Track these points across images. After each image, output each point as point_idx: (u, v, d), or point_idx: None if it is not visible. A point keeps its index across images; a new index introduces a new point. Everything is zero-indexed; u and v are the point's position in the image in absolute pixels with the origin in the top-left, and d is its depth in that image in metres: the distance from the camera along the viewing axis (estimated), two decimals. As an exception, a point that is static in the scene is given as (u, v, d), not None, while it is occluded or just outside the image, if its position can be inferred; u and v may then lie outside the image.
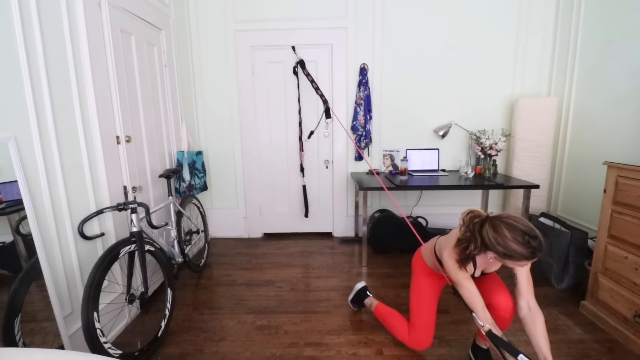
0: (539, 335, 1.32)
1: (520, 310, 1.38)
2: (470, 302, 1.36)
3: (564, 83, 2.89)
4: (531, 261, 1.22)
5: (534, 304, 1.37)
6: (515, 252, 1.19)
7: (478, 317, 1.33)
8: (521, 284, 1.39)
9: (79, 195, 1.72)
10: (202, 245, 3.02)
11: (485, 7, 3.03)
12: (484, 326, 1.30)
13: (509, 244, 1.20)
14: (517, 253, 1.19)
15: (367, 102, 3.14)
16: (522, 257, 1.19)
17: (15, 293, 1.37)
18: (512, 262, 1.24)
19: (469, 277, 1.38)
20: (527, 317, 1.36)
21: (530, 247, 1.18)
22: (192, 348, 1.83)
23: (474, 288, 1.37)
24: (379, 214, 3.14)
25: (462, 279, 1.37)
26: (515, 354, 1.20)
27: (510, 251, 1.20)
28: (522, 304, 1.38)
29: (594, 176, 2.57)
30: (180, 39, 2.90)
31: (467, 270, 1.38)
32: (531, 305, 1.37)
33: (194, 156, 2.86)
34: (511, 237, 1.20)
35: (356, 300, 2.10)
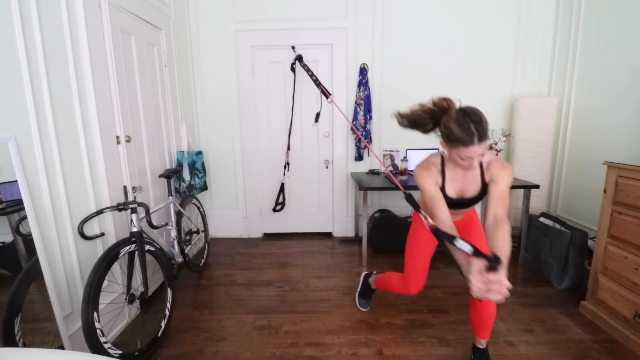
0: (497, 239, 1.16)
1: (486, 221, 1.26)
2: (430, 204, 1.31)
3: (564, 83, 2.89)
4: (469, 147, 1.18)
5: (502, 215, 1.23)
6: (452, 132, 1.19)
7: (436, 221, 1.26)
8: (491, 198, 1.29)
9: (79, 195, 1.72)
10: (202, 245, 3.02)
11: (485, 7, 3.03)
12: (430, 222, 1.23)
13: (450, 123, 1.20)
14: (454, 135, 1.19)
15: (367, 102, 3.13)
16: (459, 139, 1.18)
17: (15, 293, 1.37)
18: (454, 150, 1.23)
19: (434, 183, 1.36)
20: (491, 227, 1.22)
21: (469, 130, 1.16)
22: (192, 348, 1.83)
23: (438, 193, 1.33)
24: (379, 214, 3.14)
25: (426, 183, 1.35)
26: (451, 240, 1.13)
27: (449, 131, 1.21)
28: (488, 215, 1.26)
29: (594, 176, 2.57)
30: (180, 39, 2.90)
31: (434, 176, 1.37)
32: (497, 216, 1.23)
33: (194, 156, 2.86)
34: (455, 117, 1.20)
35: (364, 291, 2.10)
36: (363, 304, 2.15)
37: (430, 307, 2.16)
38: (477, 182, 1.40)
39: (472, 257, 1.05)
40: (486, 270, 1.00)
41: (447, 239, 1.15)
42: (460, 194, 1.44)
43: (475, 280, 1.01)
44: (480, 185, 1.40)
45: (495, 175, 1.34)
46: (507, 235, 1.17)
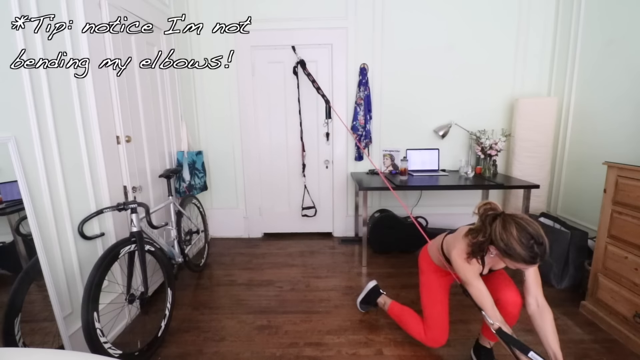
0: (548, 332, 1.30)
1: (529, 307, 1.37)
2: (480, 301, 1.35)
3: (564, 83, 2.89)
4: (530, 266, 1.21)
5: (543, 301, 1.36)
6: (515, 252, 1.18)
7: (488, 316, 1.32)
8: (529, 281, 1.38)
9: (79, 195, 1.72)
10: (202, 245, 3.02)
11: (485, 7, 3.03)
12: (494, 324, 1.29)
13: (512, 243, 1.19)
14: (517, 254, 1.18)
15: (367, 102, 3.14)
16: (522, 259, 1.18)
17: (15, 293, 1.37)
18: (511, 262, 1.24)
19: (477, 275, 1.37)
20: (536, 314, 1.35)
21: (532, 251, 1.16)
22: (192, 348, 1.83)
23: (483, 286, 1.36)
24: (379, 214, 3.14)
25: (471, 278, 1.36)
26: (525, 351, 1.20)
27: (511, 250, 1.19)
28: (530, 300, 1.37)
29: (594, 176, 2.57)
30: (181, 39, 2.90)
31: (476, 268, 1.37)
32: (539, 302, 1.36)
33: (194, 156, 2.86)
34: (516, 236, 1.19)
35: (367, 300, 2.07)
36: (364, 307, 2.13)
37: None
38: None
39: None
40: None
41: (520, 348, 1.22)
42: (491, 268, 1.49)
43: None
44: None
45: None
46: (554, 325, 1.32)
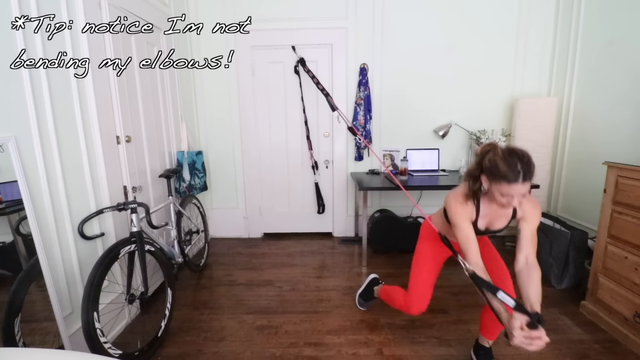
0: (530, 286, 1.22)
1: (517, 264, 1.30)
2: (463, 245, 1.32)
3: (564, 83, 2.89)
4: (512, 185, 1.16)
5: (533, 259, 1.29)
6: (498, 169, 1.18)
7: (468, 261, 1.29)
8: (523, 239, 1.32)
9: (79, 195, 1.72)
10: (202, 245, 3.02)
11: (485, 7, 3.03)
12: (468, 268, 1.26)
13: (496, 160, 1.19)
14: (499, 171, 1.18)
15: (367, 102, 3.14)
16: (504, 176, 1.17)
17: (15, 293, 1.37)
18: (496, 185, 1.21)
19: (468, 218, 1.35)
20: (523, 271, 1.27)
21: (515, 168, 1.15)
22: (192, 348, 1.83)
23: (471, 231, 1.33)
24: (379, 214, 3.14)
25: (461, 219, 1.34)
26: (494, 291, 1.17)
27: (494, 167, 1.19)
28: (520, 257, 1.30)
29: (594, 176, 2.57)
30: (180, 39, 2.89)
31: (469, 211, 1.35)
32: (529, 260, 1.29)
33: (194, 156, 2.86)
34: (501, 154, 1.20)
35: (365, 293, 2.08)
36: (362, 304, 2.15)
37: (430, 307, 2.13)
38: (508, 217, 1.39)
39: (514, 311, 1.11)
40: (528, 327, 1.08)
41: (489, 289, 1.19)
42: (487, 226, 1.44)
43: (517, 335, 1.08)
44: (509, 219, 1.40)
45: (528, 214, 1.33)
46: (539, 283, 1.23)
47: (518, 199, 1.21)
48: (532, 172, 1.18)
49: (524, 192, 1.19)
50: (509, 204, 1.23)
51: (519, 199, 1.21)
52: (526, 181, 1.17)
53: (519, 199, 1.21)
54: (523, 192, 1.18)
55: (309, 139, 3.25)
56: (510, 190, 1.19)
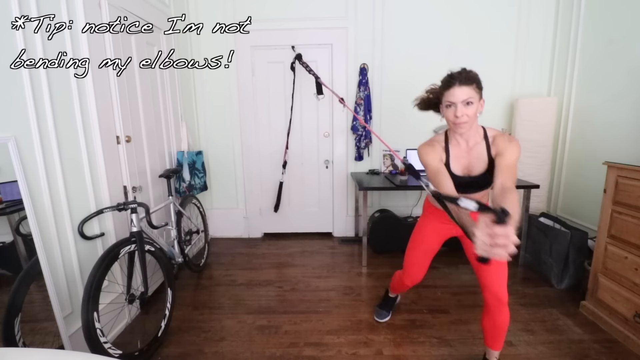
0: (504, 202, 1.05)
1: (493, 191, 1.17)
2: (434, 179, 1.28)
3: (564, 83, 2.89)
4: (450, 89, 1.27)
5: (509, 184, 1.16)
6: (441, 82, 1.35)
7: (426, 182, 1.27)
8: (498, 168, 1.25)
9: (79, 195, 1.72)
10: (202, 245, 3.02)
11: (485, 7, 3.03)
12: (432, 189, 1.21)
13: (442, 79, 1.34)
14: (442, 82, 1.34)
15: (367, 102, 3.13)
16: (444, 84, 1.31)
17: (15, 293, 1.37)
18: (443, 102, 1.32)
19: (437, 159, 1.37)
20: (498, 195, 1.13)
21: (452, 74, 1.30)
22: (192, 348, 1.83)
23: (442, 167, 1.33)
24: (379, 214, 3.14)
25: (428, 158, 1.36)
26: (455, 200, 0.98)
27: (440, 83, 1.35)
28: (496, 184, 1.19)
29: (594, 176, 2.57)
30: (180, 39, 2.90)
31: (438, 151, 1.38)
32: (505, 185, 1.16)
33: (194, 156, 2.86)
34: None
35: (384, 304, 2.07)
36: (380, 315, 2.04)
37: (430, 307, 2.16)
38: (484, 158, 1.36)
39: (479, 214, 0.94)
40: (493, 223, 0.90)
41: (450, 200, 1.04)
42: (466, 171, 1.40)
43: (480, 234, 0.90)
44: (487, 161, 1.36)
45: (502, 149, 1.31)
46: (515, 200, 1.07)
47: (462, 110, 1.25)
48: (469, 77, 1.27)
49: (465, 98, 1.25)
50: (455, 116, 1.28)
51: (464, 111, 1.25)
52: (463, 85, 1.25)
53: (464, 110, 1.25)
54: (463, 97, 1.25)
55: (288, 137, 3.23)
56: (450, 97, 1.27)
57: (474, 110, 1.28)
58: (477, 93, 1.28)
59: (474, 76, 1.29)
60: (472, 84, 1.26)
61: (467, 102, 1.25)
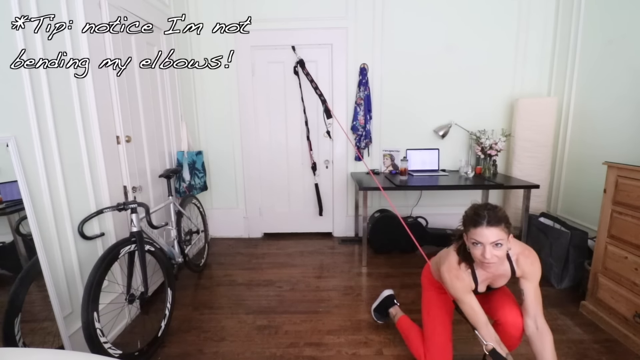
0: (546, 356, 1.23)
1: (527, 329, 1.31)
2: (472, 318, 1.31)
3: (564, 83, 2.89)
4: (477, 229, 1.19)
5: (542, 322, 1.29)
6: (467, 216, 1.26)
7: (481, 335, 1.27)
8: (528, 300, 1.32)
9: (79, 195, 1.72)
10: (202, 245, 3.02)
11: (485, 7, 3.03)
12: (487, 344, 1.24)
13: (466, 212, 1.28)
14: (467, 218, 1.25)
15: (367, 102, 3.14)
16: (470, 222, 1.23)
17: (15, 293, 1.37)
18: (468, 236, 1.25)
19: (468, 291, 1.33)
20: (535, 336, 1.28)
21: (478, 214, 1.21)
22: (192, 348, 1.83)
23: (475, 303, 1.32)
24: (379, 214, 3.14)
25: (462, 293, 1.32)
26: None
27: (464, 217, 1.27)
28: (529, 322, 1.31)
29: (594, 176, 2.57)
30: (181, 39, 2.90)
31: (467, 284, 1.33)
32: (539, 324, 1.29)
33: (194, 156, 2.86)
34: (470, 207, 1.28)
35: (380, 309, 1.99)
36: (379, 318, 2.02)
37: (430, 307, 2.16)
38: (507, 276, 1.37)
39: None
40: None
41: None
42: (488, 286, 1.42)
43: None
44: (509, 277, 1.37)
45: (527, 272, 1.31)
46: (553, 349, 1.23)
47: (490, 250, 1.19)
48: (498, 217, 1.19)
49: (494, 240, 1.18)
50: (483, 257, 1.20)
51: (492, 252, 1.19)
52: (492, 225, 1.18)
53: (492, 251, 1.19)
54: (492, 239, 1.18)
55: (309, 139, 3.25)
56: (477, 236, 1.20)
57: (504, 251, 1.22)
58: (506, 233, 1.21)
59: (503, 216, 1.21)
60: (501, 224, 1.19)
61: (497, 244, 1.19)
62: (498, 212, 1.21)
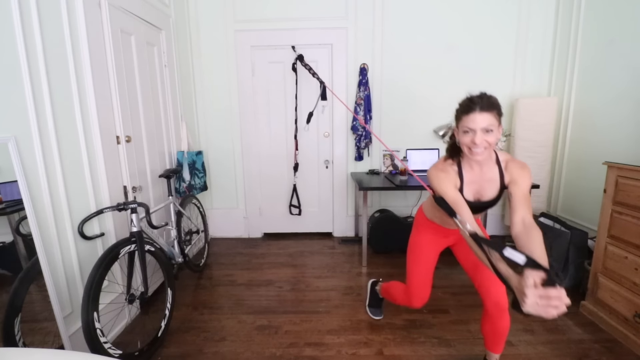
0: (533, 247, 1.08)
1: (514, 227, 1.19)
2: (456, 208, 1.22)
3: (564, 83, 2.89)
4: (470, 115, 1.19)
5: (530, 220, 1.18)
6: (459, 105, 1.24)
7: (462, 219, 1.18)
8: (514, 201, 1.23)
9: (79, 195, 1.72)
10: (202, 245, 3.02)
11: (485, 7, 3.03)
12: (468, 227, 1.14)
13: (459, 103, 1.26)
14: (460, 106, 1.24)
15: (367, 102, 3.13)
16: (463, 108, 1.22)
17: (15, 293, 1.37)
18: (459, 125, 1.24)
19: (453, 185, 1.29)
20: (521, 232, 1.15)
21: (472, 98, 1.20)
22: (192, 348, 1.83)
23: (459, 196, 1.25)
24: (379, 214, 3.14)
25: (446, 185, 1.27)
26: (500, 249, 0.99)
27: (458, 107, 1.25)
28: (515, 219, 1.19)
29: (594, 176, 2.57)
30: (180, 39, 2.89)
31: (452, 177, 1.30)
32: (526, 221, 1.18)
33: (194, 156, 2.86)
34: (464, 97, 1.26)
35: (373, 300, 2.02)
36: (375, 312, 2.07)
37: (430, 307, 2.16)
38: (496, 184, 1.32)
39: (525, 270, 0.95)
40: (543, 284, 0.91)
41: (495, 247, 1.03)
42: (477, 196, 1.35)
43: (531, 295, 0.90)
44: (499, 187, 1.34)
45: (516, 175, 1.28)
46: (542, 243, 1.09)
47: (481, 137, 1.19)
48: (491, 103, 1.20)
49: (485, 126, 1.18)
50: (473, 143, 1.20)
51: (483, 139, 1.19)
52: (484, 111, 1.18)
53: (483, 138, 1.19)
54: (483, 124, 1.18)
55: (297, 138, 3.24)
56: (469, 123, 1.19)
57: (494, 138, 1.22)
58: (497, 120, 1.22)
59: (495, 102, 1.22)
60: (493, 110, 1.20)
61: (487, 130, 1.19)
62: (490, 97, 1.22)
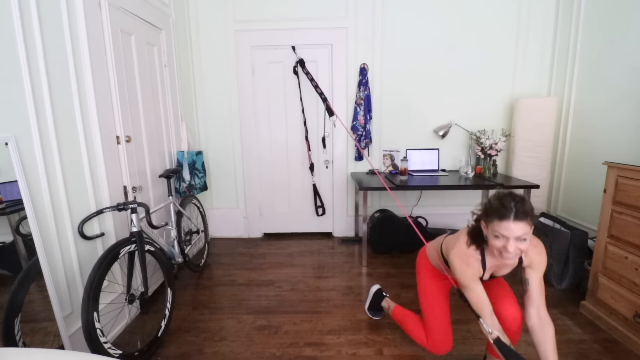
0: (548, 348, 1.22)
1: (530, 319, 1.29)
2: (478, 307, 1.29)
3: (564, 83, 2.89)
4: (503, 222, 1.13)
5: (545, 314, 1.28)
6: (491, 206, 1.18)
7: (486, 324, 1.25)
8: (532, 290, 1.29)
9: (79, 195, 1.72)
10: (202, 245, 3.02)
11: (485, 7, 3.03)
12: (492, 333, 1.22)
13: (491, 198, 1.21)
14: (492, 208, 1.17)
15: (367, 102, 3.13)
16: (495, 212, 1.15)
17: (15, 293, 1.37)
18: (490, 227, 1.18)
19: (476, 278, 1.31)
20: (536, 327, 1.26)
21: (505, 205, 1.13)
22: (192, 348, 1.83)
23: (482, 291, 1.29)
24: (379, 214, 3.14)
25: (470, 281, 1.30)
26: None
27: (488, 207, 1.20)
28: (531, 311, 1.29)
29: (594, 176, 2.57)
30: (180, 39, 2.90)
31: (476, 271, 1.30)
32: (541, 315, 1.27)
33: (194, 156, 2.86)
34: (495, 195, 1.20)
35: (373, 305, 1.99)
36: (375, 314, 2.03)
37: (430, 307, 2.16)
38: (513, 266, 1.34)
39: None
40: None
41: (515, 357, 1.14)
42: (493, 273, 1.40)
43: None
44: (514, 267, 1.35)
45: (535, 262, 1.29)
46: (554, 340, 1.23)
47: (513, 245, 1.14)
48: (526, 211, 1.13)
49: (518, 235, 1.13)
50: (505, 249, 1.16)
51: (515, 247, 1.14)
52: (519, 220, 1.12)
53: (515, 245, 1.14)
54: (517, 234, 1.13)
55: (308, 139, 3.25)
56: (502, 229, 1.14)
57: (527, 245, 1.17)
58: (531, 227, 1.16)
59: (530, 210, 1.16)
60: (527, 218, 1.14)
61: (521, 239, 1.15)
62: (525, 205, 1.15)
